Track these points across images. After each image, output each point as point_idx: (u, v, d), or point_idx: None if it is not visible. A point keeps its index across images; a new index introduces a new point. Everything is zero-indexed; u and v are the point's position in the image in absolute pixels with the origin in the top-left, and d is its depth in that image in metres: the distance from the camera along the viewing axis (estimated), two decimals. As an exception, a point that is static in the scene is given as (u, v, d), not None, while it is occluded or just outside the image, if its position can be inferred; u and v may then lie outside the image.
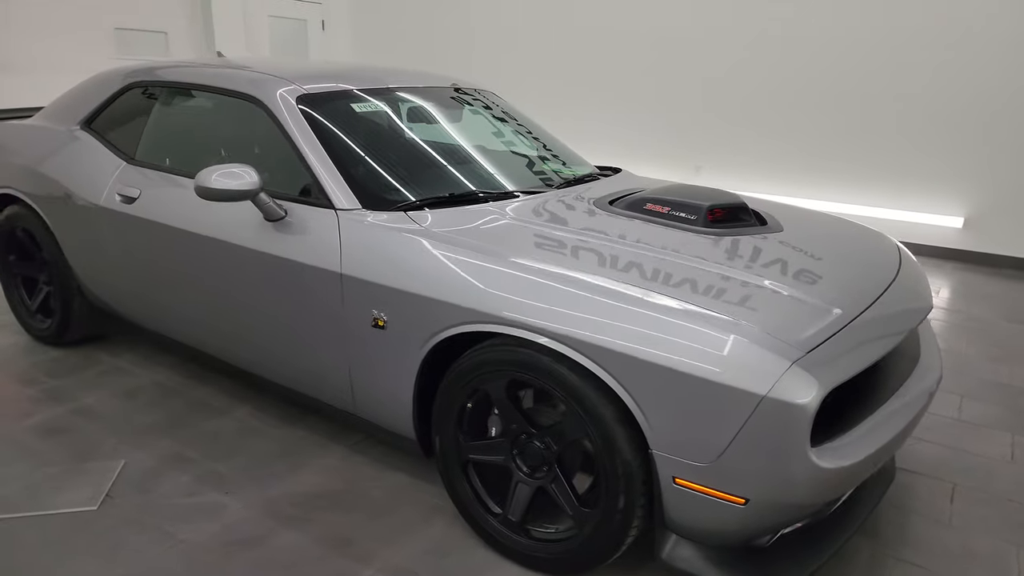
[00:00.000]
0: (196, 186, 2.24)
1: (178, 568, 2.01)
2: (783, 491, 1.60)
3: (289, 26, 8.51)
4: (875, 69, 5.69)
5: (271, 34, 8.29)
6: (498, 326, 1.86)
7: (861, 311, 1.86)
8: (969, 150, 5.45)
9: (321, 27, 8.82)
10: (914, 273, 2.28)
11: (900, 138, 5.69)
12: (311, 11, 8.69)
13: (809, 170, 6.16)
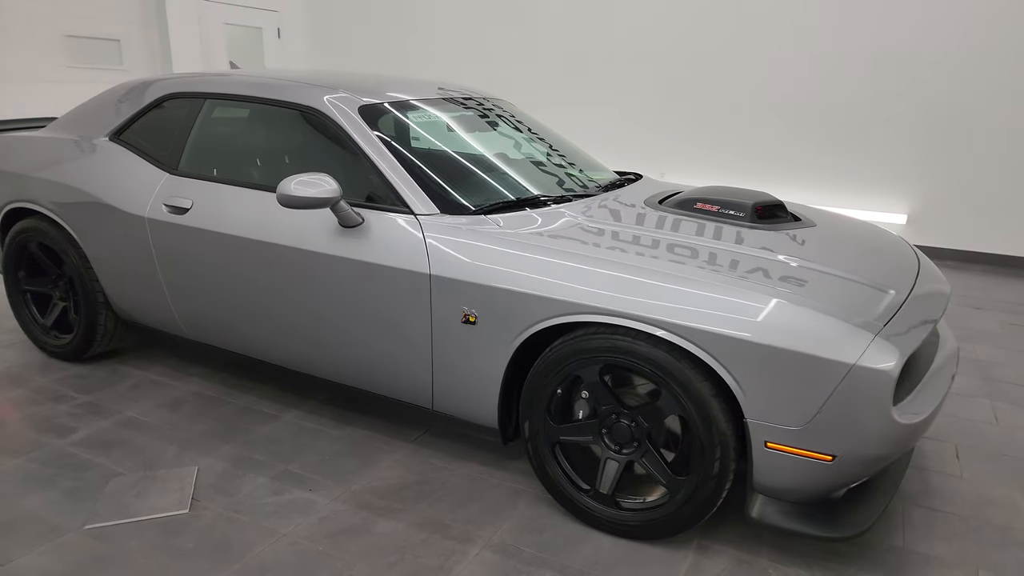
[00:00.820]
0: (279, 195, 2.33)
1: (292, 560, 2.10)
2: (868, 446, 1.86)
3: (245, 34, 8.41)
4: (830, 86, 6.18)
5: (227, 42, 8.18)
6: (597, 316, 2.05)
7: (909, 293, 2.15)
8: (911, 156, 6.00)
9: (277, 35, 8.75)
10: (929, 263, 2.61)
11: (851, 145, 6.20)
12: (267, 19, 8.61)
13: (765, 172, 6.60)
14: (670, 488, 2.12)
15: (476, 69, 7.94)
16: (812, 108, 6.29)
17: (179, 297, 2.95)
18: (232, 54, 8.29)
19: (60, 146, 3.22)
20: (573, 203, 2.64)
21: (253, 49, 8.56)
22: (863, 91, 6.07)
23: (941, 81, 5.79)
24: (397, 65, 8.44)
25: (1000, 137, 5.71)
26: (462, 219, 2.39)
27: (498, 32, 7.70)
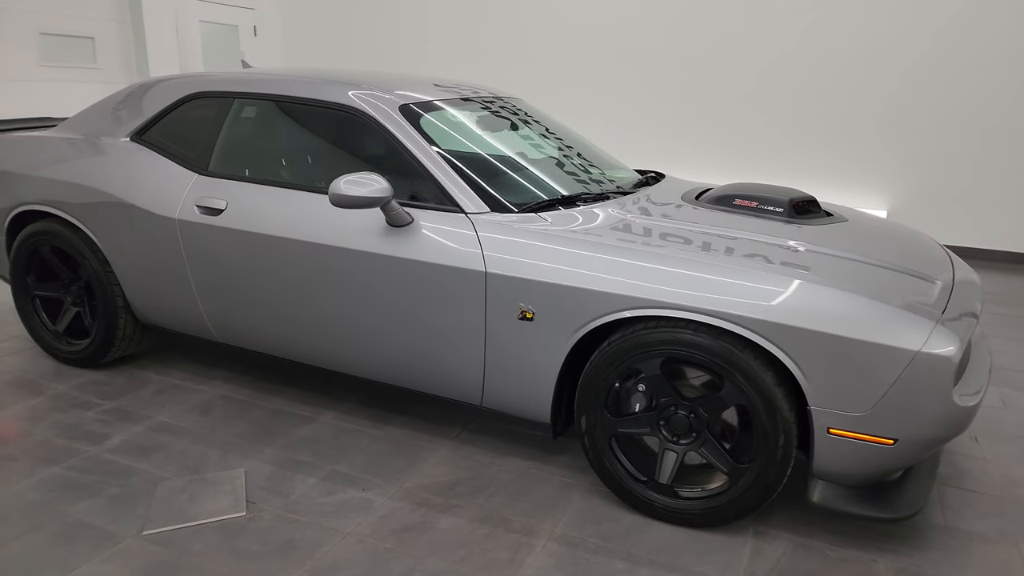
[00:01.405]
0: (332, 194, 2.32)
1: (362, 557, 2.10)
2: (929, 429, 1.95)
3: (221, 32, 8.25)
4: (811, 87, 6.37)
5: (203, 40, 8.01)
6: (663, 310, 2.10)
7: (952, 283, 2.26)
8: (890, 154, 6.23)
9: (253, 33, 8.61)
10: (955, 256, 2.73)
11: (832, 143, 6.40)
12: (243, 16, 8.47)
13: (756, 172, 6.77)
14: (731, 476, 2.18)
15: (457, 66, 7.94)
16: (793, 108, 6.48)
17: (209, 299, 2.90)
18: (208, 52, 8.13)
19: (76, 147, 3.14)
20: (611, 201, 2.69)
21: (230, 47, 8.40)
22: (844, 92, 6.28)
23: (917, 82, 6.03)
24: (376, 63, 8.39)
25: (975, 135, 5.97)
26: (512, 217, 2.42)
27: (479, 29, 7.71)
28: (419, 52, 8.11)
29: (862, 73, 6.20)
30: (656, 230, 2.37)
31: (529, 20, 7.45)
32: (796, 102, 6.48)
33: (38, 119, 3.94)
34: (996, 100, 5.87)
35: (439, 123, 2.73)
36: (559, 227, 2.37)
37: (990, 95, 5.87)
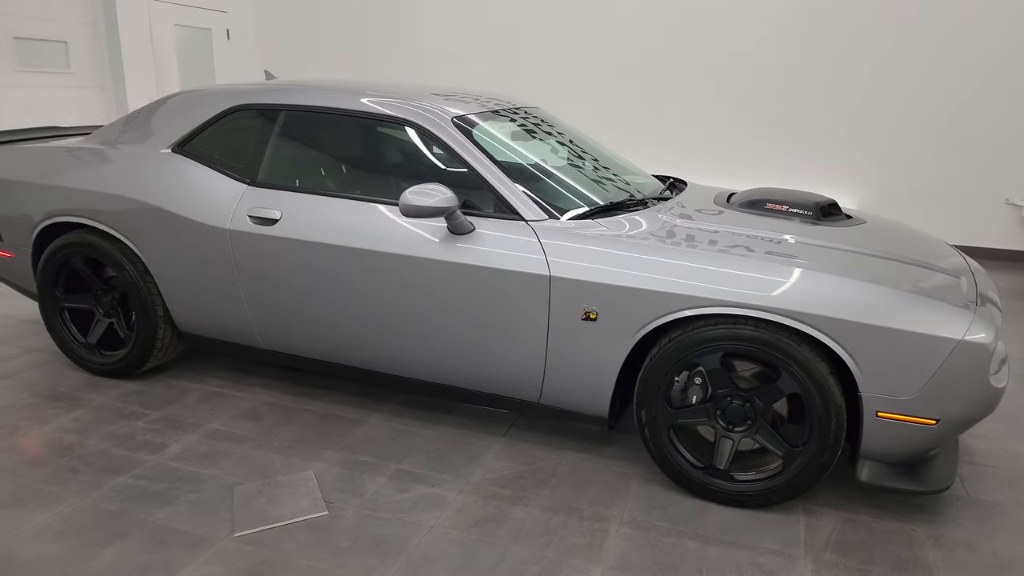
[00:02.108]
0: (403, 205, 2.44)
1: (452, 549, 2.22)
2: (968, 409, 2.18)
3: (195, 35, 8.14)
4: (782, 95, 6.70)
5: (177, 44, 7.90)
6: (726, 308, 2.28)
7: (973, 277, 2.51)
8: (855, 158, 6.61)
9: (226, 36, 8.52)
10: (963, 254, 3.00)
11: (804, 148, 6.75)
12: (216, 20, 8.37)
13: (730, 176, 7.07)
14: (786, 459, 2.38)
15: (431, 71, 8.02)
16: (765, 112, 6.80)
17: (259, 307, 2.96)
18: (182, 56, 8.01)
19: (113, 158, 3.14)
20: (654, 207, 2.86)
21: (203, 51, 8.30)
22: (812, 97, 6.63)
23: (882, 99, 6.42)
24: (351, 67, 8.39)
25: (928, 136, 6.39)
26: (571, 223, 2.57)
27: (454, 33, 7.82)
28: (393, 56, 8.16)
29: (832, 81, 6.56)
30: (704, 233, 2.55)
31: (500, 23, 7.59)
32: (767, 107, 6.80)
33: (46, 128, 3.89)
34: (953, 104, 6.30)
35: (485, 135, 2.86)
36: (616, 232, 2.53)
37: (942, 97, 6.30)
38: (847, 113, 6.60)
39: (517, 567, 2.15)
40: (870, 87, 6.49)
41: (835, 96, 6.61)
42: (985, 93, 6.26)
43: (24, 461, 2.64)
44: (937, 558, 2.24)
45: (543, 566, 2.15)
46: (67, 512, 2.34)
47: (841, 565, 2.19)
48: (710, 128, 7.07)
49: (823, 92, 6.63)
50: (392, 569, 2.12)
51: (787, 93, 6.74)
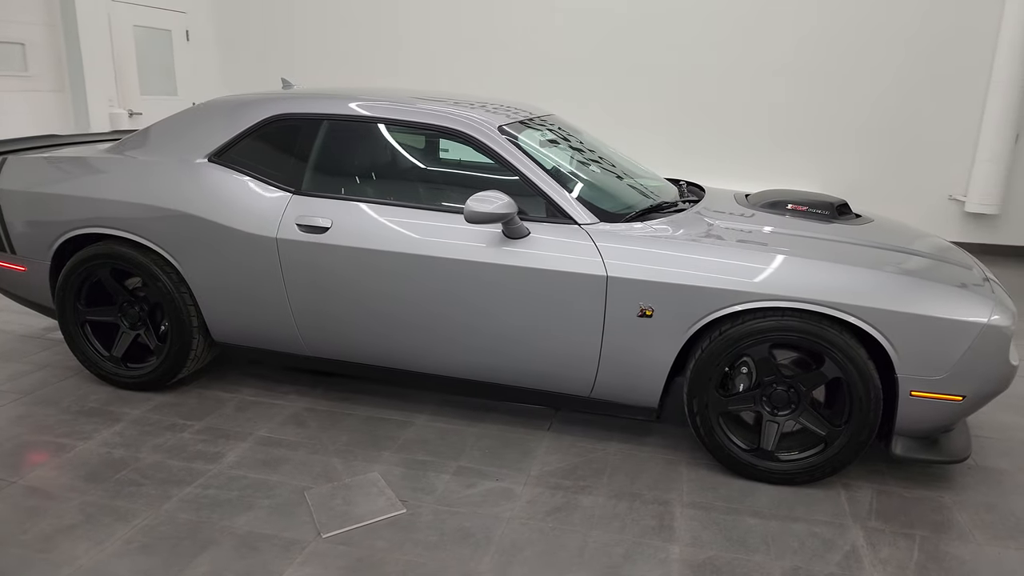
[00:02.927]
0: (467, 212, 2.54)
1: (535, 537, 2.34)
2: (990, 386, 2.45)
3: (154, 36, 7.92)
4: (737, 100, 7.06)
5: (137, 45, 7.66)
6: (777, 302, 2.48)
7: (983, 269, 2.79)
8: (807, 157, 7.03)
9: (186, 37, 8.31)
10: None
11: (774, 147, 7.12)
12: (176, 21, 8.15)
13: (700, 170, 7.38)
14: (828, 438, 2.60)
15: (394, 72, 8.04)
16: (739, 116, 7.15)
17: (307, 313, 2.99)
18: (142, 58, 7.78)
19: (146, 168, 3.11)
20: (689, 210, 3.04)
21: (163, 52, 8.07)
22: (764, 101, 7.01)
23: (844, 100, 6.85)
24: (314, 69, 8.31)
25: (875, 136, 6.87)
26: (619, 226, 2.72)
27: (408, 33, 7.87)
28: (356, 57, 8.13)
29: (784, 86, 6.95)
30: (745, 233, 2.75)
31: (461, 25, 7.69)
32: (728, 110, 7.15)
33: (44, 136, 3.79)
34: (897, 106, 6.79)
35: (527, 143, 2.98)
36: (666, 233, 2.70)
37: (890, 102, 6.78)
38: (800, 115, 7.01)
39: (602, 549, 2.29)
40: (819, 92, 6.91)
41: (788, 100, 7.00)
42: (927, 96, 6.77)
43: (80, 477, 2.61)
44: (966, 520, 2.50)
45: (625, 548, 2.30)
46: (146, 525, 2.35)
47: (887, 531, 2.42)
48: (666, 133, 7.36)
49: (775, 97, 7.02)
50: (486, 558, 2.23)
51: (740, 97, 7.09)
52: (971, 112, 6.76)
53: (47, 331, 4.08)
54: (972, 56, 6.63)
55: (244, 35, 8.50)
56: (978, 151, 6.72)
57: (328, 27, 8.15)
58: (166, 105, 8.16)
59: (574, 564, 2.22)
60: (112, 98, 7.43)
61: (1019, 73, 6.40)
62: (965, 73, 6.69)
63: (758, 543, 2.34)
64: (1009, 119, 6.51)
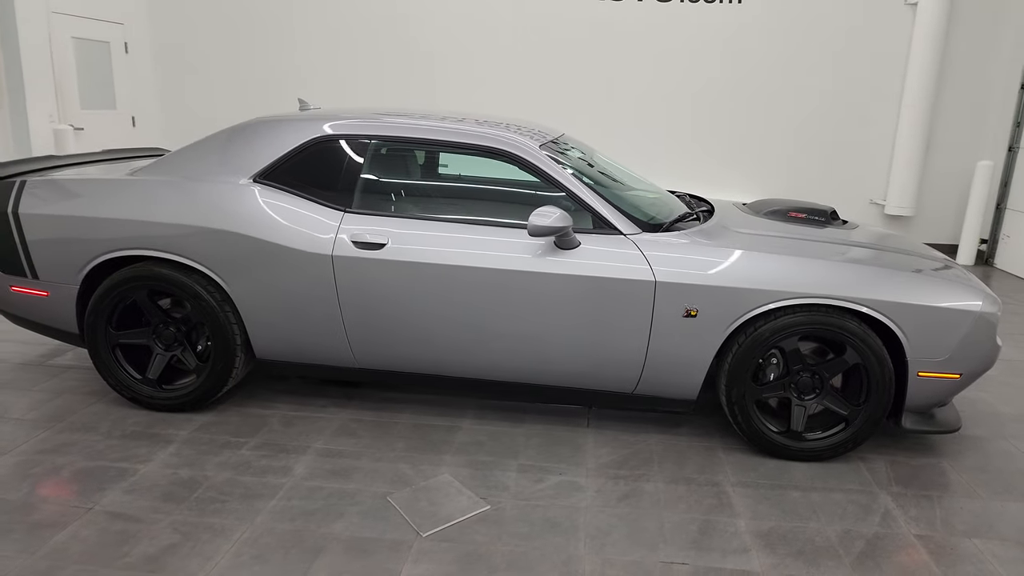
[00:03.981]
0: (531, 226, 2.76)
1: (616, 522, 2.57)
2: (981, 364, 2.88)
3: (93, 48, 7.61)
4: (697, 114, 7.57)
5: (76, 57, 7.35)
6: (808, 299, 2.81)
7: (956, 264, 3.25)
8: (742, 165, 7.62)
9: (124, 50, 8.02)
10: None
11: (717, 159, 7.65)
12: (114, 33, 7.87)
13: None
14: (849, 417, 2.96)
15: (336, 86, 8.10)
16: (687, 131, 7.65)
17: (361, 327, 3.09)
18: (82, 71, 7.46)
19: (189, 189, 3.12)
20: (712, 218, 3.35)
21: (102, 64, 7.77)
22: (726, 120, 7.56)
23: (757, 107, 7.47)
24: (249, 80, 8.22)
25: (802, 145, 7.54)
26: (660, 235, 3.00)
27: (354, 46, 7.97)
28: (296, 71, 8.12)
29: (720, 102, 7.52)
30: (767, 238, 3.08)
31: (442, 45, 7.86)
32: (677, 126, 7.65)
33: (40, 158, 3.69)
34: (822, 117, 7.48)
35: (565, 161, 3.22)
36: (705, 240, 2.99)
37: (815, 114, 7.46)
38: (740, 131, 7.59)
39: (680, 527, 2.54)
40: (756, 110, 7.51)
41: (729, 118, 7.57)
42: (849, 112, 7.49)
43: (158, 499, 2.62)
44: (967, 480, 2.92)
45: (698, 525, 2.56)
46: (247, 538, 2.41)
47: (909, 494, 2.80)
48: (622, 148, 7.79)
49: (717, 115, 7.57)
50: (580, 544, 2.44)
51: (686, 115, 7.61)
52: (887, 126, 7.53)
53: (45, 358, 3.95)
54: (887, 76, 7.40)
55: (181, 46, 8.30)
56: (894, 160, 7.50)
57: (265, 38, 8.08)
58: (106, 120, 7.86)
59: (659, 541, 2.46)
60: (52, 113, 7.10)
61: (928, 91, 7.19)
62: (881, 92, 7.45)
63: (808, 512, 2.66)
64: (919, 132, 7.30)
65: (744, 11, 7.37)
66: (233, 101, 8.35)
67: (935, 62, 7.11)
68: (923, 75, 7.17)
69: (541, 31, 7.66)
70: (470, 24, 7.74)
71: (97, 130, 7.73)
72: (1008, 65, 7.20)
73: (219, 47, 8.22)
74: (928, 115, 7.25)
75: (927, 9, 7.04)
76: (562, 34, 7.64)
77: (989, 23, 7.19)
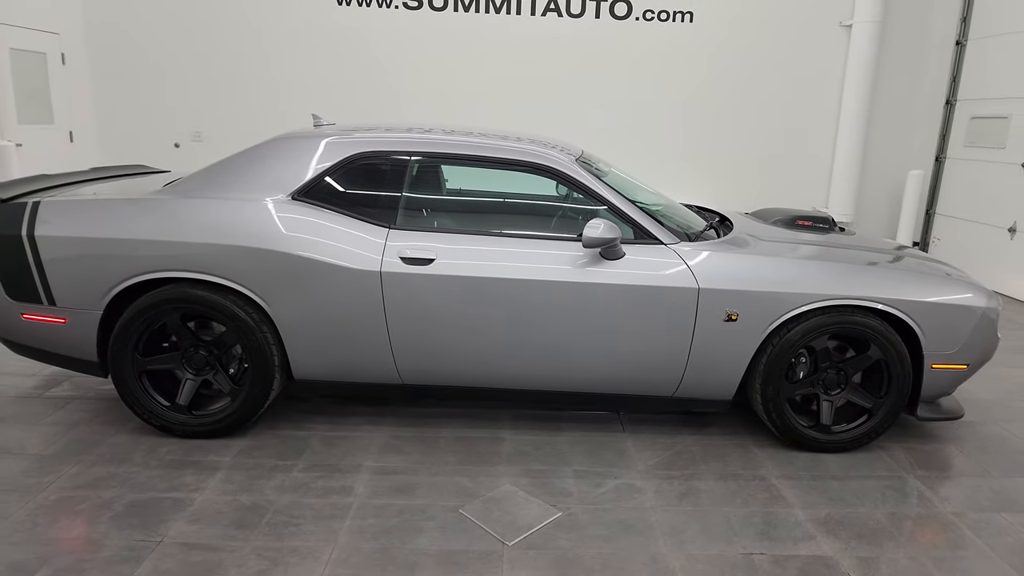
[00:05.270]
0: (586, 238, 2.86)
1: (682, 518, 2.68)
2: (985, 355, 3.18)
3: (29, 60, 7.18)
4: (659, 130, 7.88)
5: (12, 69, 6.91)
6: (839, 300, 3.03)
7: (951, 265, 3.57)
8: (715, 176, 8.01)
9: (61, 61, 7.60)
10: None
11: (676, 172, 7.99)
12: (51, 44, 7.44)
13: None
14: (872, 409, 3.20)
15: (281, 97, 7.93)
16: (652, 144, 7.95)
17: (407, 342, 3.09)
18: (18, 83, 7.02)
19: (223, 208, 3.04)
20: (735, 228, 3.54)
21: (38, 76, 7.33)
22: (680, 136, 7.91)
23: (706, 123, 7.89)
24: (187, 93, 7.97)
25: (748, 159, 8.01)
26: (697, 244, 3.16)
27: (286, 56, 7.85)
28: (243, 83, 7.94)
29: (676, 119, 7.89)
30: (789, 246, 3.29)
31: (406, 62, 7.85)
32: (641, 139, 7.95)
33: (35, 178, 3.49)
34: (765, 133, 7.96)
35: (601, 174, 3.33)
36: (741, 248, 3.16)
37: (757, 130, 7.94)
38: (694, 145, 7.97)
39: (745, 520, 2.69)
40: (711, 126, 7.91)
41: (684, 134, 7.94)
42: (794, 127, 8.00)
43: (228, 526, 2.54)
44: (976, 461, 3.21)
45: (761, 516, 2.72)
46: (337, 558, 2.38)
47: (932, 476, 3.06)
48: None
49: (674, 131, 7.93)
50: (659, 542, 2.54)
51: (650, 129, 7.93)
52: (827, 138, 8.07)
53: (40, 390, 3.71)
54: (826, 93, 7.95)
55: (116, 58, 7.94)
56: (834, 171, 8.05)
57: (204, 49, 7.87)
58: (44, 135, 7.42)
59: (733, 534, 2.59)
60: (-11, 127, 6.65)
61: (862, 106, 7.77)
62: (821, 106, 7.99)
63: (853, 499, 2.86)
64: (856, 144, 7.87)
65: (695, 29, 7.75)
66: (171, 114, 8.04)
67: (868, 79, 7.70)
68: (858, 91, 7.75)
69: (497, 44, 7.79)
70: (425, 37, 7.78)
71: (35, 146, 7.29)
72: (934, 82, 7.87)
73: (153, 58, 7.91)
74: (863, 128, 7.83)
75: (860, 31, 7.62)
76: (518, 48, 7.79)
77: (917, 44, 7.86)
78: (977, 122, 7.20)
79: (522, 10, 7.70)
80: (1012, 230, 6.56)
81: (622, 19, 7.74)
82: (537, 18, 7.72)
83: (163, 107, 8.05)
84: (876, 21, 7.53)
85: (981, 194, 7.08)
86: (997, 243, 6.78)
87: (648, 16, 7.72)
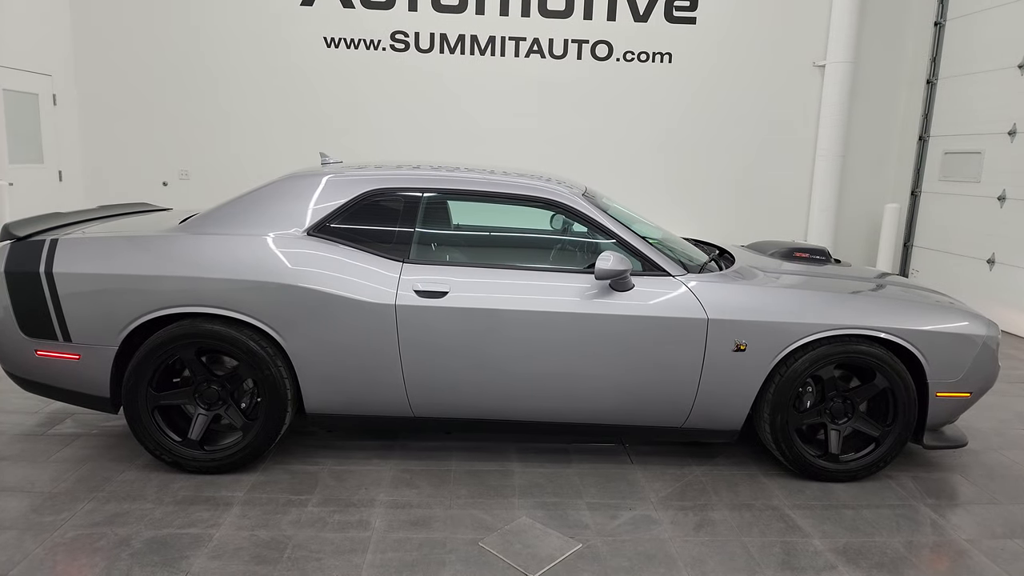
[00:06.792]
0: (601, 271, 2.92)
1: (702, 549, 2.69)
2: (987, 383, 3.26)
3: (22, 101, 7.20)
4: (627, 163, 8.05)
5: (5, 109, 6.92)
6: (846, 330, 3.11)
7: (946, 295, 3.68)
8: (698, 210, 8.17)
9: (53, 102, 7.63)
10: None
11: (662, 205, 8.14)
12: (43, 85, 7.48)
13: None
14: (879, 438, 3.25)
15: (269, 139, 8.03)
16: (636, 179, 8.11)
17: (420, 375, 3.11)
18: (11, 123, 7.02)
19: (240, 245, 3.06)
20: (737, 260, 3.63)
21: (30, 116, 7.34)
22: (663, 171, 8.09)
23: (710, 165, 8.09)
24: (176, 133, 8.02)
25: (729, 190, 8.19)
26: (703, 276, 3.23)
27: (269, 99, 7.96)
28: (230, 123, 8.02)
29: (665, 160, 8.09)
30: (796, 276, 3.38)
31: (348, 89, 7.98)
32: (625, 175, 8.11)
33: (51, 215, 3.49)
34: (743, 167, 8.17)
35: (607, 208, 3.41)
36: (748, 280, 3.24)
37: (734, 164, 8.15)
38: (677, 181, 8.15)
39: (764, 550, 2.70)
40: (692, 162, 8.11)
41: (667, 169, 8.14)
42: (773, 163, 8.22)
43: (249, 562, 2.51)
44: (982, 488, 3.27)
45: (780, 546, 2.74)
46: (360, 594, 2.36)
47: (941, 504, 3.11)
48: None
49: (657, 166, 8.12)
50: (683, 573, 2.54)
51: (633, 166, 8.11)
52: (804, 175, 8.29)
53: (43, 428, 3.65)
54: (802, 130, 8.19)
55: (107, 99, 7.99)
56: (812, 204, 8.25)
57: (190, 90, 7.95)
58: (34, 175, 7.40)
59: (755, 565, 2.61)
60: (-19, 166, 6.62)
61: (838, 142, 8.01)
62: (799, 145, 8.23)
63: (868, 528, 2.90)
64: (833, 179, 8.08)
65: (674, 69, 7.99)
66: (158, 153, 8.08)
67: (842, 117, 7.95)
68: (832, 128, 8.00)
69: (482, 86, 7.96)
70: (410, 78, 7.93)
71: (25, 185, 7.26)
72: (906, 119, 8.16)
73: (143, 100, 7.97)
74: (840, 164, 8.06)
75: (833, 71, 7.90)
76: (503, 89, 7.97)
77: (888, 83, 8.17)
78: (951, 157, 7.46)
79: (506, 52, 7.90)
80: (991, 261, 6.76)
81: (603, 60, 7.96)
82: (521, 59, 7.91)
83: (150, 147, 8.10)
84: (848, 62, 7.82)
85: (958, 226, 7.29)
86: (976, 274, 6.97)
87: (628, 57, 7.96)
